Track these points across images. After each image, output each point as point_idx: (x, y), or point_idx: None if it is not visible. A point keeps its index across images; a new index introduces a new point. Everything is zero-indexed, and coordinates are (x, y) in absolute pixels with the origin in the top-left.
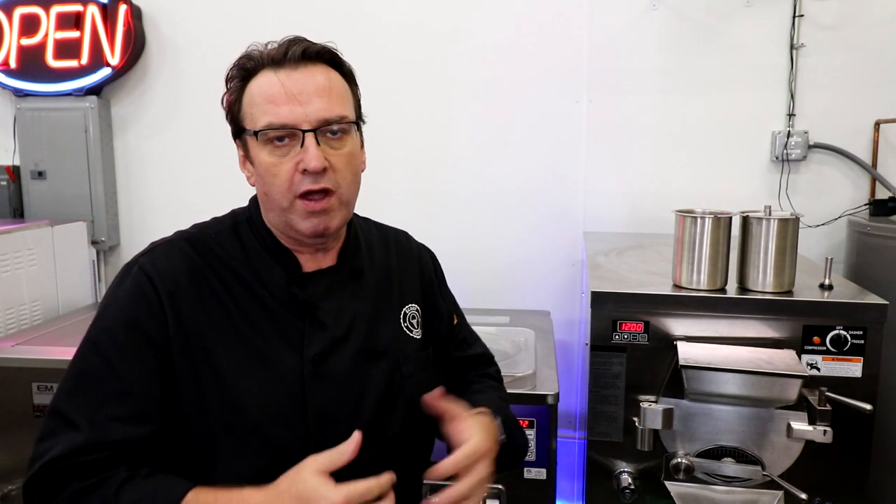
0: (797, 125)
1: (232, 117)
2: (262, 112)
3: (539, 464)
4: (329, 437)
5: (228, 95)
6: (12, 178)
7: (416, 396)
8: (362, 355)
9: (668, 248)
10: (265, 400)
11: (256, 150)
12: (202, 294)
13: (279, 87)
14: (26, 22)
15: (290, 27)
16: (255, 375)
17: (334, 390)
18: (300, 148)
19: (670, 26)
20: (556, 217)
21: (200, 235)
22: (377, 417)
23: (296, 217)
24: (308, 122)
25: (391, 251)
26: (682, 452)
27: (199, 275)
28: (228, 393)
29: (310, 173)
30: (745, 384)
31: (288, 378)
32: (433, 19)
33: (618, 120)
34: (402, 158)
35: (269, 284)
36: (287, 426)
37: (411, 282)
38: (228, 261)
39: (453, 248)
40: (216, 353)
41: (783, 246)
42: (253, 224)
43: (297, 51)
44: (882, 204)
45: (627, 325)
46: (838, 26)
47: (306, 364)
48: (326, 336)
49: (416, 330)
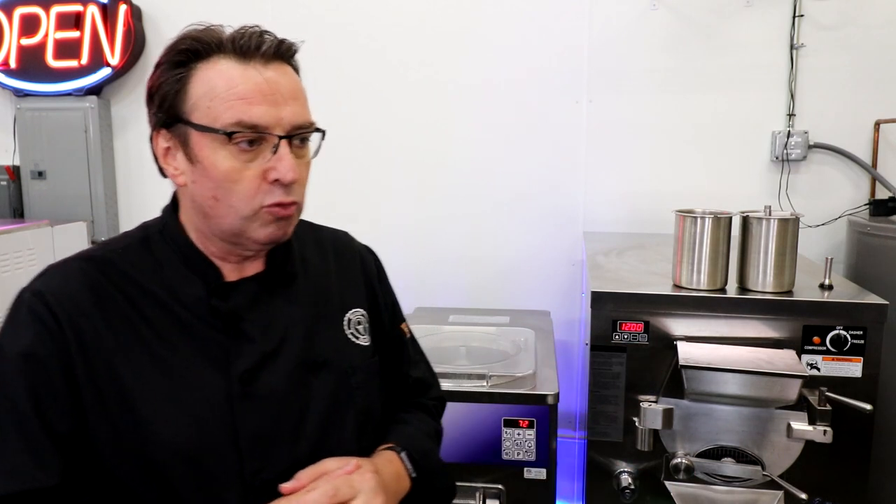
0: (797, 125)
1: (167, 104)
2: (227, 108)
3: (539, 464)
4: (267, 464)
5: (160, 76)
6: (12, 178)
7: (370, 408)
8: (301, 368)
9: (668, 248)
10: (188, 427)
11: (209, 150)
12: (108, 316)
13: (252, 83)
14: (26, 22)
15: (290, 28)
16: (174, 401)
17: (269, 410)
18: (271, 155)
19: (670, 26)
20: (556, 217)
21: (103, 253)
22: (324, 437)
23: (256, 225)
24: (282, 126)
25: (329, 253)
26: (682, 452)
27: (102, 295)
28: (145, 423)
29: (282, 184)
30: (745, 384)
31: (214, 400)
32: (433, 20)
33: (618, 120)
34: (402, 158)
35: (187, 299)
36: (214, 454)
37: (354, 285)
38: (137, 278)
39: (453, 249)
40: (127, 380)
41: (783, 246)
42: (167, 235)
43: (271, 46)
44: (882, 204)
45: (627, 325)
46: (838, 26)
47: (233, 383)
48: (255, 350)
49: (362, 336)
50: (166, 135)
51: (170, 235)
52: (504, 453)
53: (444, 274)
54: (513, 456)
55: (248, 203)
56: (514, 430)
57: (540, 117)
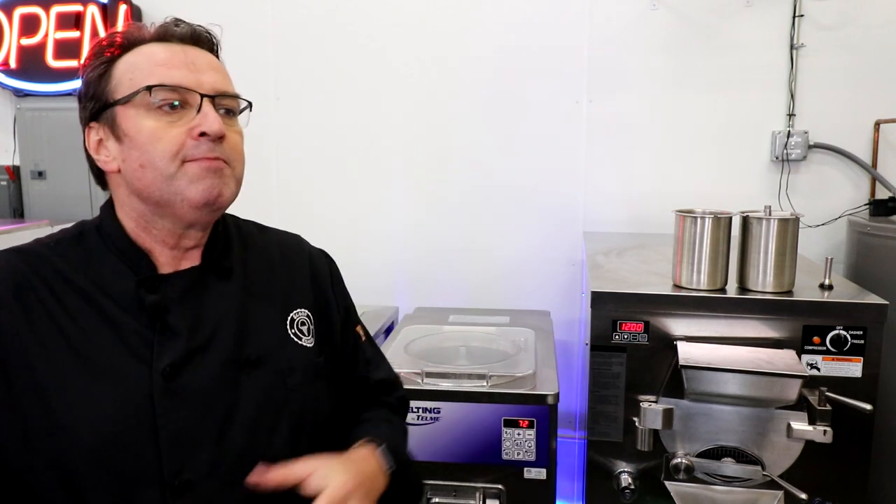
0: (797, 125)
1: (91, 96)
2: (147, 74)
3: (539, 464)
4: (188, 464)
5: (87, 71)
6: (12, 178)
7: (306, 412)
8: (230, 365)
9: (668, 248)
10: (104, 422)
11: (134, 119)
12: (28, 309)
13: (168, 52)
14: (26, 22)
15: (290, 28)
16: (91, 397)
17: (193, 407)
18: (196, 115)
19: (670, 26)
20: (556, 217)
21: (34, 246)
22: (253, 438)
23: (184, 182)
24: (204, 88)
25: (274, 253)
26: (682, 452)
27: (24, 287)
28: (58, 416)
29: (209, 138)
30: (745, 384)
31: (134, 396)
32: (433, 20)
33: (618, 120)
34: (402, 158)
35: (113, 291)
36: (132, 452)
37: (301, 286)
38: (64, 270)
39: (454, 248)
40: (42, 375)
41: (783, 246)
42: (103, 229)
43: (185, 30)
44: (882, 204)
45: (627, 325)
46: (838, 26)
47: (156, 378)
48: (181, 345)
49: (305, 337)
50: (96, 126)
51: (105, 230)
52: (504, 453)
53: (444, 274)
54: (513, 456)
55: (172, 160)
56: (514, 430)
57: (540, 117)
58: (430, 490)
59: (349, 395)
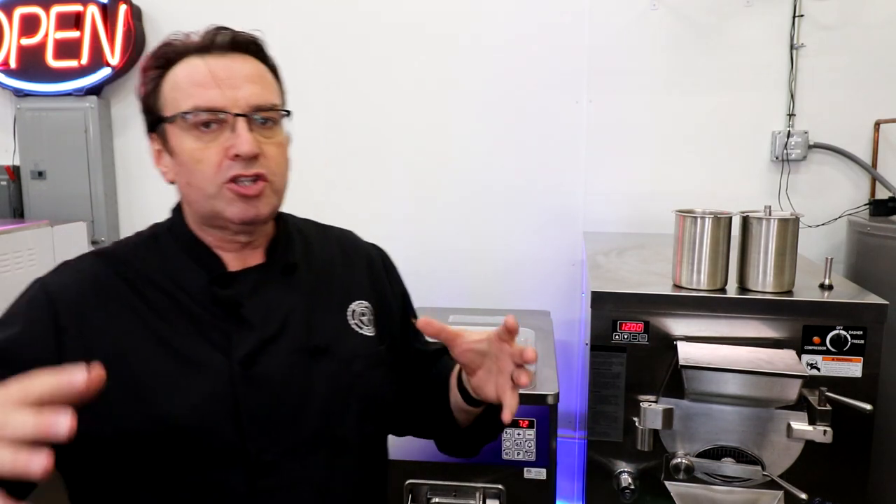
0: (797, 125)
1: (147, 109)
2: (186, 96)
3: (539, 464)
4: (271, 445)
5: (143, 86)
6: (12, 178)
7: (371, 397)
8: (300, 353)
9: (668, 248)
10: (193, 407)
11: (178, 137)
12: (111, 306)
13: (206, 70)
14: (26, 22)
15: (290, 28)
16: (179, 383)
17: (270, 392)
18: (230, 133)
19: (670, 26)
20: (556, 217)
21: (114, 249)
22: (326, 420)
23: (222, 203)
24: (238, 106)
25: (333, 248)
26: (682, 452)
27: (107, 287)
28: (147, 398)
29: (241, 158)
30: (745, 384)
31: (217, 381)
32: (433, 20)
33: (618, 120)
34: (402, 158)
35: (191, 288)
36: (218, 436)
37: (359, 279)
38: (145, 271)
39: (454, 249)
40: (131, 360)
41: (783, 246)
42: (174, 230)
43: (225, 38)
44: (882, 204)
45: (627, 325)
46: (838, 26)
47: (234, 366)
48: (255, 335)
49: (366, 327)
50: (154, 137)
51: (176, 231)
52: (504, 453)
53: (444, 274)
54: (513, 456)
55: (212, 181)
56: (514, 430)
57: (540, 117)
58: (429, 490)
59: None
